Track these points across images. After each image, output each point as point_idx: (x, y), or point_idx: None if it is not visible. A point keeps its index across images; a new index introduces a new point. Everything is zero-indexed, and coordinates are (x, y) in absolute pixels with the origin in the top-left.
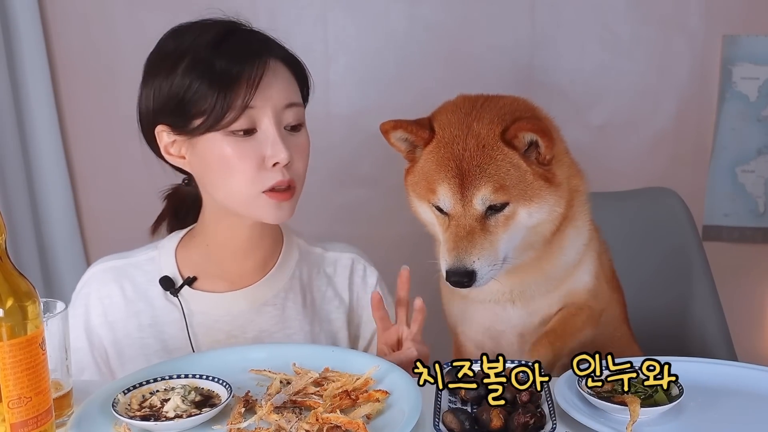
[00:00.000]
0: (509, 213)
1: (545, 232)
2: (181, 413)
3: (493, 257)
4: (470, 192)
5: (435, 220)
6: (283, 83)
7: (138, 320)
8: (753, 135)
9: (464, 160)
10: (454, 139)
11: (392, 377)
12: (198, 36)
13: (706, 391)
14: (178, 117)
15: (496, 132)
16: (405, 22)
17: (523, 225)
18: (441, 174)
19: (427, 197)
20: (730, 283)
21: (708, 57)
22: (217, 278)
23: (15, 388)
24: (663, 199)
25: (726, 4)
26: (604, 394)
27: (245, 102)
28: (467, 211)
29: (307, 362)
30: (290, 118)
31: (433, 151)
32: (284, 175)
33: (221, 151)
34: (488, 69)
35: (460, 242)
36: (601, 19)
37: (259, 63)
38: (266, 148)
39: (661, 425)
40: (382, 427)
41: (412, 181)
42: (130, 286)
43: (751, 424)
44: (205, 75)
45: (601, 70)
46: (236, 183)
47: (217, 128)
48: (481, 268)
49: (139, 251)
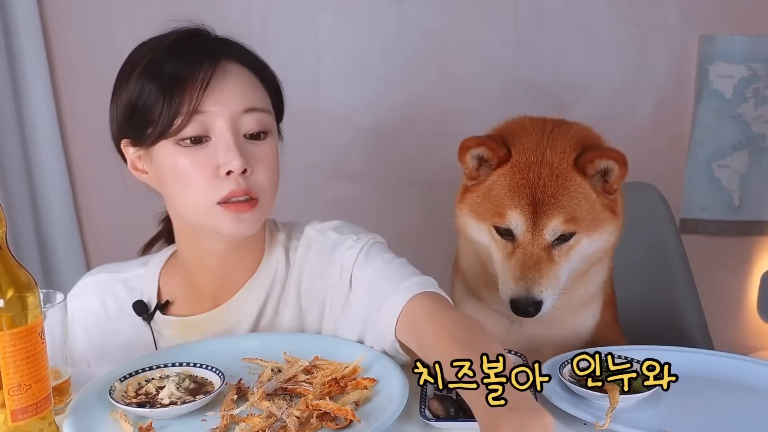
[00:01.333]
0: (573, 243)
1: (593, 261)
2: (175, 400)
3: (557, 286)
4: (542, 222)
5: (492, 243)
6: (240, 86)
7: (116, 339)
8: (728, 131)
9: (539, 188)
10: (529, 166)
11: (380, 365)
12: (157, 43)
13: (683, 378)
14: (135, 128)
15: (569, 161)
16: (393, 23)
17: (582, 253)
18: (514, 200)
19: (492, 220)
20: (707, 274)
21: (685, 56)
22: (194, 300)
23: (15, 375)
24: (642, 193)
25: (702, 5)
26: (585, 382)
27: (193, 106)
28: (536, 240)
29: (298, 351)
30: (251, 125)
31: (506, 174)
32: (239, 184)
33: (174, 160)
34: (473, 68)
35: (528, 272)
36: (581, 19)
37: (209, 64)
38: (220, 156)
39: (640, 412)
40: (369, 414)
41: (473, 201)
42: (113, 303)
43: (727, 410)
44: (154, 78)
45: (582, 69)
46: (190, 194)
47: (167, 136)
48: (547, 298)
49: (131, 265)
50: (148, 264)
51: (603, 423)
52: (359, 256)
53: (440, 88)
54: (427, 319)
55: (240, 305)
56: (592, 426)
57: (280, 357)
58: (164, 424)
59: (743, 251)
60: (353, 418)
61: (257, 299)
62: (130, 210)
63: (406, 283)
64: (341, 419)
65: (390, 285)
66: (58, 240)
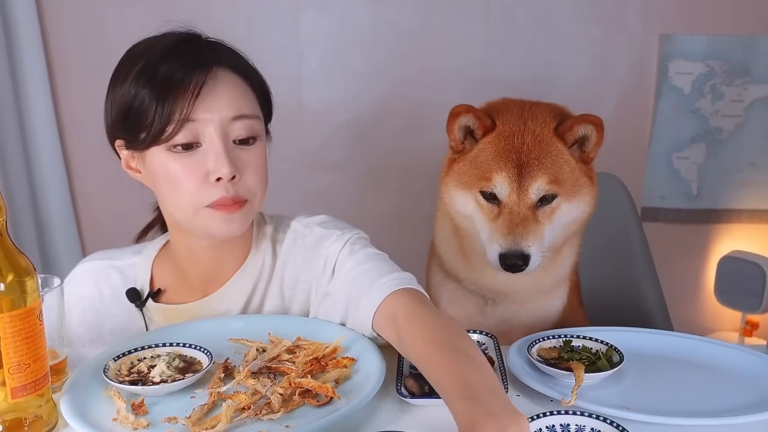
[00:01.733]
0: (555, 205)
1: (569, 233)
2: (166, 378)
3: (543, 245)
4: (527, 182)
5: (478, 210)
6: (230, 94)
7: (110, 323)
8: (687, 125)
9: (523, 152)
10: (513, 134)
11: (359, 346)
12: (152, 46)
13: (644, 357)
14: (129, 131)
15: (550, 128)
16: (370, 22)
17: (562, 219)
18: (500, 163)
19: (478, 185)
20: (667, 259)
21: (646, 54)
22: (185, 289)
23: (15, 355)
24: (605, 183)
25: (663, 5)
26: (552, 361)
27: (184, 115)
28: (522, 200)
29: (281, 332)
30: (240, 131)
31: (492, 142)
32: (228, 191)
33: (165, 165)
34: (446, 65)
35: (516, 228)
36: (548, 19)
37: (201, 72)
38: (210, 163)
39: (604, 389)
40: (349, 391)
41: (459, 170)
42: (108, 289)
43: (685, 388)
44: (148, 84)
45: (549, 66)
46: (181, 197)
47: (159, 142)
48: (534, 253)
49: (125, 252)
50: (141, 253)
51: (569, 400)
52: (343, 249)
53: (415, 85)
54: (407, 316)
55: (228, 295)
56: (559, 402)
57: (265, 338)
58: (155, 401)
59: (701, 238)
60: (333, 395)
61: (244, 289)
62: (124, 198)
63: (387, 278)
64: (322, 396)
65: (371, 279)
66: (55, 227)
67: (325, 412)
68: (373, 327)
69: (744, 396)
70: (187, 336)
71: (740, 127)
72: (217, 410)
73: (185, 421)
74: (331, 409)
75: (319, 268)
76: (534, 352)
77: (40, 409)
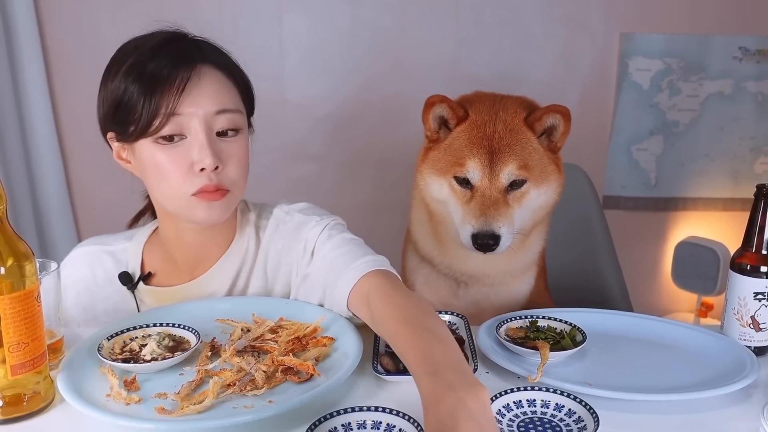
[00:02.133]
0: (524, 190)
1: (537, 218)
2: (156, 356)
3: (512, 226)
4: (498, 167)
5: (452, 195)
6: (214, 89)
7: (104, 305)
8: (646, 118)
9: (494, 140)
10: (485, 123)
11: (337, 326)
12: (142, 44)
13: (606, 337)
14: (119, 124)
15: (520, 118)
16: (348, 22)
17: (531, 204)
18: (473, 150)
19: (452, 171)
20: (627, 245)
21: (607, 52)
22: (173, 272)
23: (14, 335)
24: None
25: (623, 6)
26: (519, 340)
27: (170, 109)
28: (493, 183)
29: (265, 313)
30: (223, 124)
31: (465, 130)
32: (211, 179)
33: (153, 156)
34: (419, 62)
35: (487, 210)
36: (516, 19)
37: (186, 69)
38: (194, 153)
39: (568, 366)
40: (328, 369)
41: (434, 158)
42: (101, 273)
43: (644, 365)
44: (136, 80)
45: (516, 64)
46: (168, 187)
47: (147, 135)
48: (505, 234)
49: (118, 238)
50: (133, 238)
51: (535, 376)
52: (321, 234)
53: (390, 81)
54: (380, 296)
55: (214, 277)
56: (525, 379)
57: (249, 318)
58: (146, 378)
59: (659, 224)
60: (314, 372)
61: (230, 272)
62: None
63: (361, 260)
64: (303, 373)
65: (346, 261)
66: (52, 214)
67: (306, 388)
68: (348, 307)
69: (699, 373)
70: (176, 317)
71: (696, 121)
72: (204, 386)
73: (174, 397)
74: (312, 385)
75: (299, 252)
76: (502, 332)
77: (38, 385)
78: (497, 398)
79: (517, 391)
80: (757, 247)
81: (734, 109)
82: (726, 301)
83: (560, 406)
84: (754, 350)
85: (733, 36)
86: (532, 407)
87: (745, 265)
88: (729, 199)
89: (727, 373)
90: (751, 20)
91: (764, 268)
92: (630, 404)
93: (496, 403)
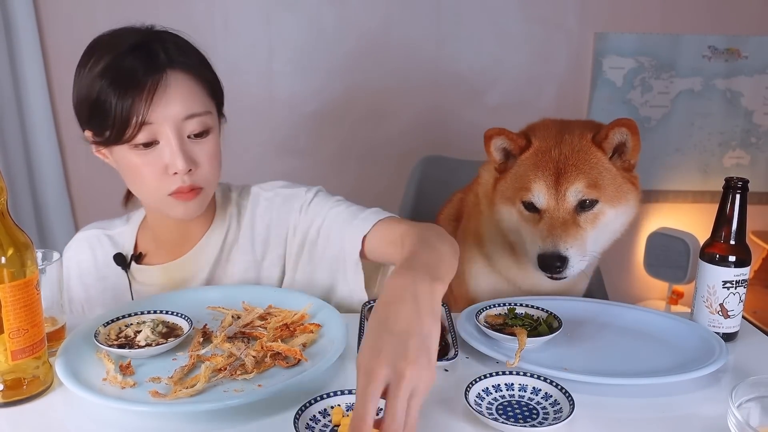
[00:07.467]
0: (598, 211)
1: (616, 235)
2: (150, 342)
3: (583, 249)
4: (564, 186)
5: (522, 220)
6: (182, 95)
7: (104, 284)
8: (619, 114)
9: (560, 162)
10: (550, 148)
11: (323, 313)
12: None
13: (581, 324)
14: (95, 127)
15: (587, 139)
16: (334, 22)
17: (609, 225)
18: (537, 173)
19: (519, 196)
20: None
21: (582, 50)
22: (161, 252)
23: (15, 321)
24: None
25: (597, 7)
26: (498, 327)
27: (141, 119)
28: (560, 204)
29: (254, 300)
30: (193, 127)
31: (529, 157)
32: (184, 181)
33: (128, 160)
34: (402, 60)
35: (555, 230)
36: (495, 19)
37: (154, 77)
38: (167, 158)
39: (544, 352)
40: (315, 354)
41: (501, 188)
42: (101, 254)
43: (618, 351)
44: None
45: (495, 61)
46: (144, 187)
47: (121, 142)
48: (573, 256)
49: (116, 223)
50: (129, 222)
51: (513, 362)
52: (317, 195)
53: (374, 79)
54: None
55: (199, 254)
56: (504, 364)
57: (239, 306)
58: (141, 362)
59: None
60: (301, 357)
61: (212, 250)
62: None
63: (366, 212)
64: (291, 358)
65: (354, 212)
66: (51, 206)
67: (294, 373)
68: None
69: (670, 358)
70: (169, 304)
71: (667, 117)
72: (196, 371)
73: (168, 381)
74: (299, 369)
75: (293, 215)
76: (481, 319)
77: (37, 370)
78: (477, 382)
79: (495, 375)
80: (725, 237)
81: (704, 105)
82: (696, 289)
83: (537, 390)
84: (723, 336)
85: (703, 35)
86: (510, 391)
87: (714, 254)
88: (699, 191)
89: (697, 358)
90: (720, 20)
91: (732, 257)
92: (604, 388)
93: (476, 387)
